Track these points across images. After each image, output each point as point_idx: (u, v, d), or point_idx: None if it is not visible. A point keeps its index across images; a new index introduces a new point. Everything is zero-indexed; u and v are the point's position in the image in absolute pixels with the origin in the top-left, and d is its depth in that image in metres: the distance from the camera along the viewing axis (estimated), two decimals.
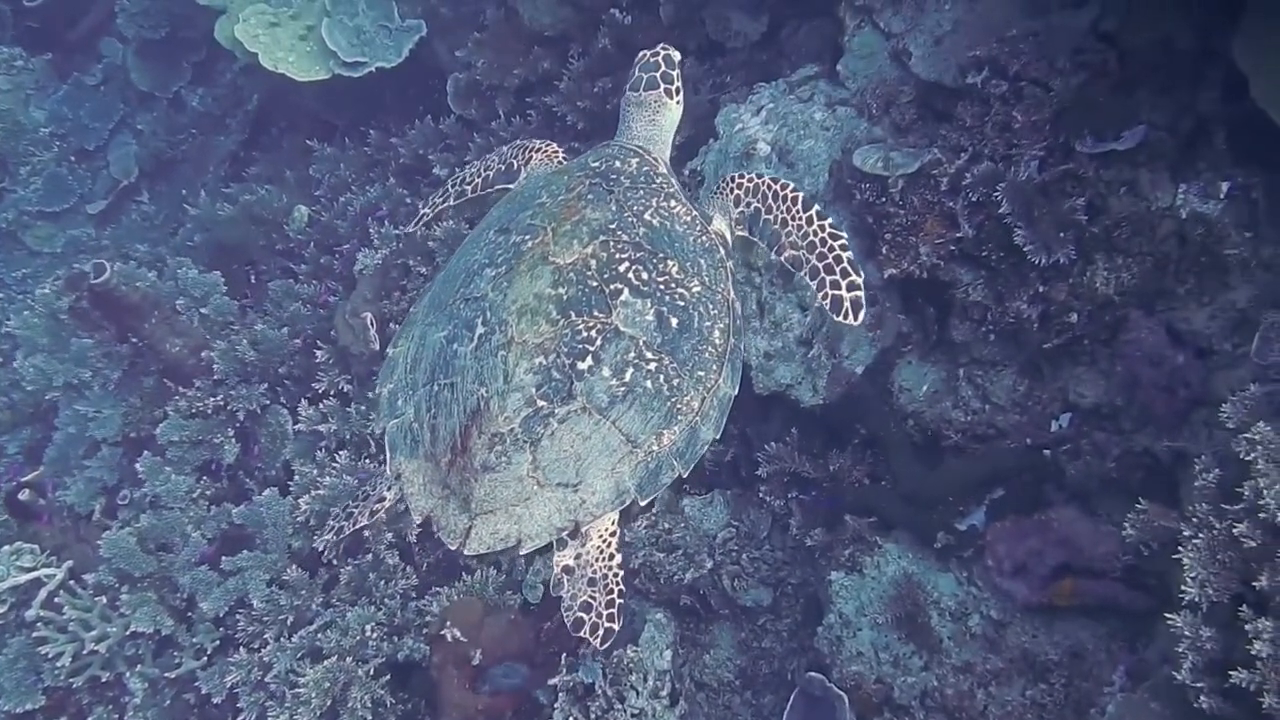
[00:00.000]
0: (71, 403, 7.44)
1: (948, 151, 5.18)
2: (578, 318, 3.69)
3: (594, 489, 3.67)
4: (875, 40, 5.73)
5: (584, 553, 3.79)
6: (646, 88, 4.50)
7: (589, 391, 3.63)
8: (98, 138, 10.52)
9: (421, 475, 3.83)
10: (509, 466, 3.61)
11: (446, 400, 3.76)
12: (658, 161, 4.38)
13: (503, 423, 3.60)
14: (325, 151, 8.33)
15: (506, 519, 3.65)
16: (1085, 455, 5.03)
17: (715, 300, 3.94)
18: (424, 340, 4.02)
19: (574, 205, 3.96)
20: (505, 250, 3.93)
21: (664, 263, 3.87)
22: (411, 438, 3.89)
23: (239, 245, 7.98)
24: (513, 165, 4.79)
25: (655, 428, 3.72)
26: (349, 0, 7.94)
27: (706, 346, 3.86)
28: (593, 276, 3.76)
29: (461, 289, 3.96)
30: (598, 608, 3.75)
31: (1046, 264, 4.82)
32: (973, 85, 5.17)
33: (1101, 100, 4.90)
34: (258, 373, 6.89)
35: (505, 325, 3.70)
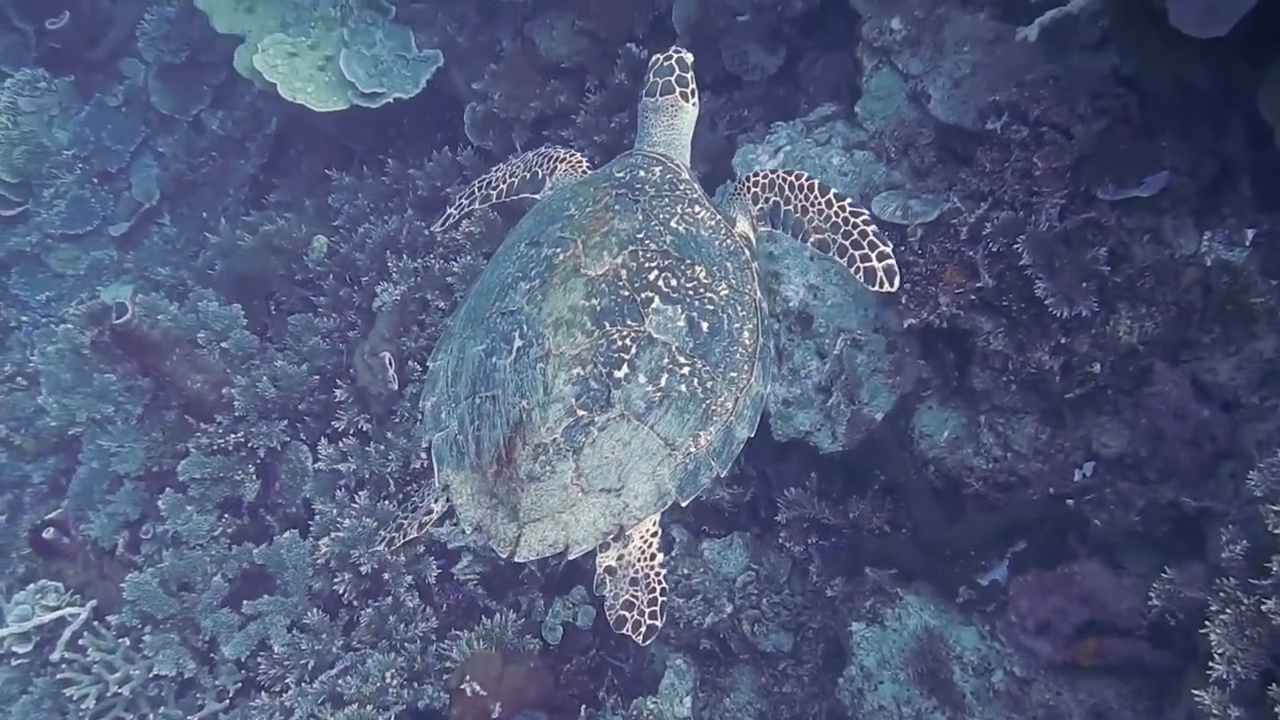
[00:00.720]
0: (94, 438, 7.47)
1: (967, 199, 5.13)
2: (612, 327, 3.74)
3: (636, 493, 3.74)
4: (893, 81, 5.67)
5: (626, 553, 3.87)
6: (663, 92, 4.52)
7: (626, 398, 3.69)
8: (119, 160, 10.55)
9: (469, 486, 3.88)
10: (553, 475, 3.68)
11: (489, 412, 3.82)
12: (680, 168, 4.41)
13: (545, 433, 3.66)
14: (344, 181, 8.32)
15: (554, 526, 3.72)
16: (1109, 505, 4.96)
17: (743, 301, 4.00)
18: (463, 353, 4.06)
19: (602, 216, 4.01)
20: (537, 263, 3.98)
21: (692, 268, 3.92)
22: (457, 449, 3.94)
23: (259, 276, 7.98)
24: (538, 174, 4.83)
25: (692, 430, 3.78)
26: (366, 30, 7.92)
27: (737, 347, 3.92)
28: (624, 286, 3.81)
29: (497, 302, 4.02)
30: (640, 606, 3.82)
31: (1068, 316, 4.76)
32: (992, 130, 5.11)
33: (1123, 146, 4.83)
34: (278, 409, 6.90)
35: (542, 338, 3.76)
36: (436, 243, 7.35)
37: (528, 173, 4.86)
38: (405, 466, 6.43)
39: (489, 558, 6.19)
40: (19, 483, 8.32)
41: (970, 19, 5.43)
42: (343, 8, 8.10)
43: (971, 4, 5.46)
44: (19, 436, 8.41)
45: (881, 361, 5.40)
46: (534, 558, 3.75)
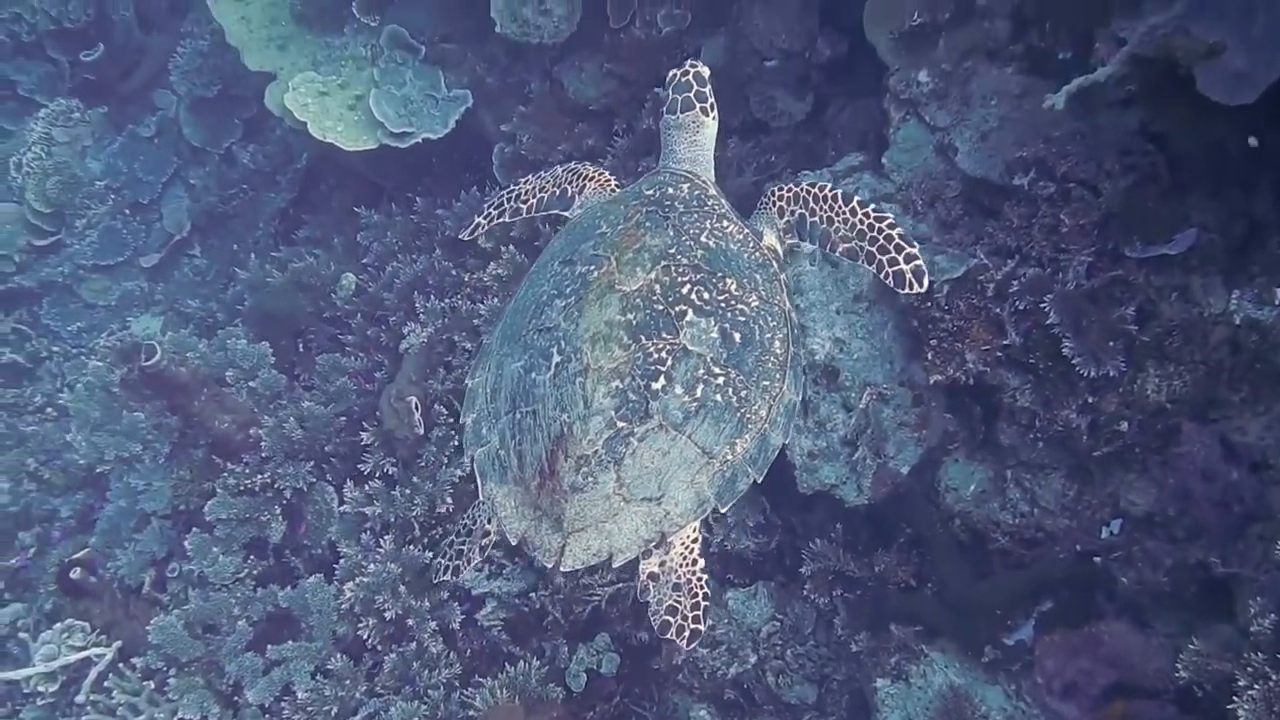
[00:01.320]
0: (122, 475, 7.51)
1: (994, 254, 5.13)
2: (648, 340, 3.86)
3: (676, 500, 3.86)
4: (920, 133, 5.66)
5: (668, 559, 4.01)
6: (683, 109, 4.64)
7: (664, 409, 3.81)
8: (151, 191, 10.64)
9: (513, 499, 4.02)
10: (596, 486, 3.80)
11: (530, 427, 3.94)
12: (707, 184, 4.55)
13: (586, 445, 3.79)
14: (372, 219, 8.35)
15: (597, 535, 3.85)
16: (1137, 564, 4.93)
17: (773, 312, 4.11)
18: (501, 370, 4.18)
19: (634, 233, 4.13)
20: (572, 281, 4.10)
21: (723, 281, 4.03)
22: (499, 464, 4.07)
23: (287, 314, 8.02)
24: (567, 191, 4.97)
25: (728, 438, 3.91)
26: (396, 70, 7.96)
27: (769, 357, 4.03)
28: (658, 300, 3.93)
29: (534, 320, 4.13)
30: (683, 610, 3.97)
31: (1096, 375, 4.73)
32: (1020, 186, 5.09)
33: (1151, 204, 4.81)
34: (304, 450, 6.92)
35: (580, 353, 3.88)
36: (465, 283, 7.37)
37: (557, 189, 5.02)
38: (431, 510, 6.43)
39: (513, 604, 6.20)
40: (48, 516, 8.38)
41: (998, 73, 5.42)
42: (373, 47, 8.14)
43: (999, 58, 5.44)
44: (48, 470, 8.48)
45: (908, 415, 5.39)
46: (579, 566, 3.86)
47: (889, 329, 5.42)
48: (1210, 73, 3.99)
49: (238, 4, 8.85)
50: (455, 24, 8.02)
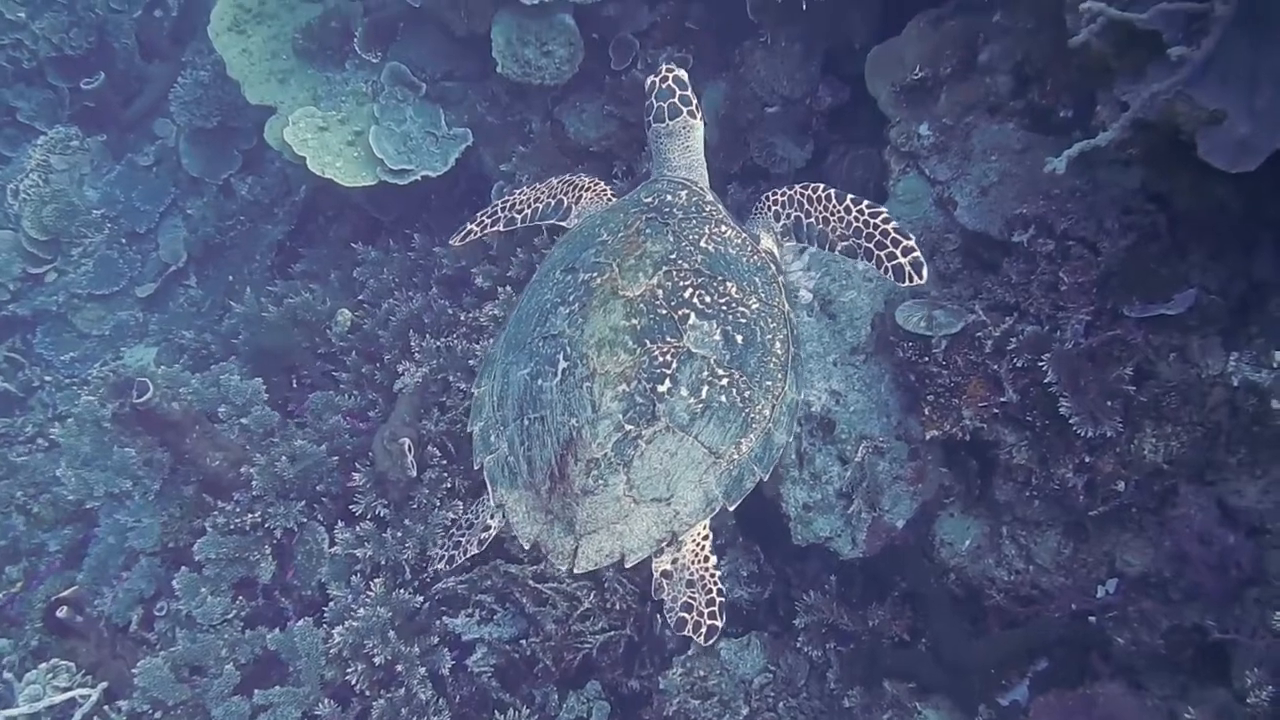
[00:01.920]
0: (111, 512, 7.46)
1: (992, 310, 5.10)
2: (652, 344, 3.92)
3: (685, 500, 3.92)
4: (920, 186, 5.66)
5: (680, 557, 4.04)
6: (671, 116, 4.65)
7: (670, 411, 3.87)
8: (148, 220, 10.64)
9: (524, 504, 4.07)
10: (606, 488, 3.86)
11: (538, 432, 4.00)
12: (704, 190, 4.64)
13: (596, 449, 3.85)
14: (369, 255, 8.33)
15: (609, 536, 3.90)
16: (1132, 624, 4.90)
17: (772, 314, 4.18)
18: (508, 378, 4.23)
19: (634, 240, 4.20)
20: (576, 288, 4.16)
21: (723, 285, 4.10)
22: (509, 470, 4.12)
23: (281, 350, 7.98)
24: (563, 202, 5.00)
25: (734, 438, 3.97)
26: (397, 107, 7.96)
27: (770, 357, 4.10)
28: (661, 305, 4.00)
29: (538, 327, 4.19)
30: (698, 607, 3.96)
31: (1093, 436, 4.71)
32: (1019, 243, 5.08)
33: (1151, 263, 4.79)
34: (295, 489, 6.87)
35: (586, 358, 3.95)
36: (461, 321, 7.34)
37: (552, 199, 5.05)
38: (422, 553, 6.38)
39: (504, 650, 6.14)
40: (35, 550, 8.29)
41: (999, 128, 5.42)
42: (374, 84, 8.14)
43: (1000, 113, 5.44)
44: (37, 504, 8.41)
45: (904, 469, 5.36)
46: (592, 567, 3.91)
47: (886, 382, 5.40)
48: (1212, 139, 3.97)
49: (239, 37, 8.85)
50: (457, 63, 8.02)
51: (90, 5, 11.26)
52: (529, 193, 5.13)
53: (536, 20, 7.27)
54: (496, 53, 7.31)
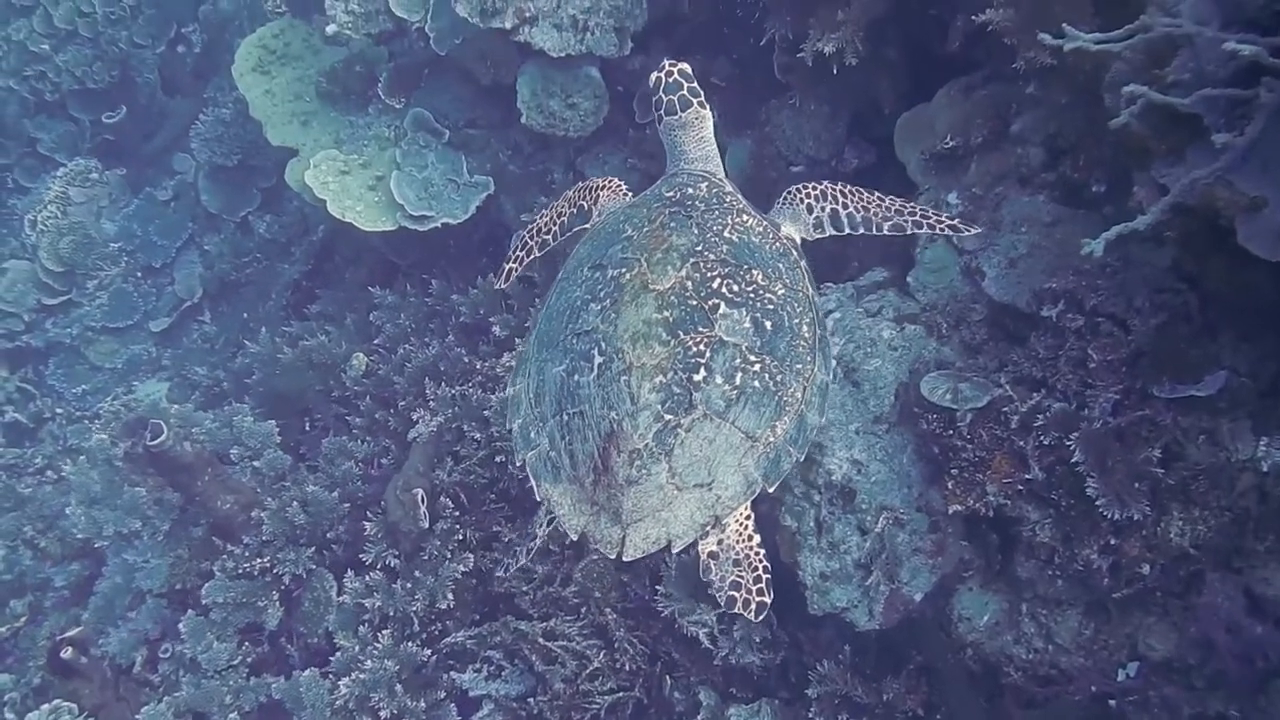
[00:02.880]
0: (120, 551, 7.41)
1: (1019, 384, 5.04)
2: (685, 335, 4.02)
3: (726, 484, 4.01)
4: (947, 255, 5.61)
5: (725, 538, 4.15)
6: (682, 108, 4.79)
7: (707, 399, 3.96)
8: (165, 255, 10.66)
9: (569, 497, 4.12)
10: (649, 478, 3.94)
11: (579, 426, 4.07)
12: (723, 181, 4.73)
13: (637, 440, 3.93)
14: (386, 299, 8.30)
15: (655, 524, 3.98)
16: (1154, 709, 4.81)
17: (798, 298, 4.30)
18: (542, 375, 4.30)
19: (660, 235, 4.29)
20: (605, 284, 4.23)
21: (749, 273, 4.21)
22: (551, 465, 4.18)
23: (295, 392, 7.96)
24: (583, 206, 5.07)
25: (769, 421, 4.06)
26: (419, 153, 7.96)
27: (799, 341, 4.21)
28: (691, 296, 4.10)
29: (570, 324, 4.26)
30: (746, 584, 4.12)
31: (1119, 518, 4.64)
32: (1047, 318, 5.03)
33: (1182, 343, 4.74)
34: (306, 535, 6.82)
35: (621, 353, 4.03)
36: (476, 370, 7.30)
37: (573, 208, 5.12)
38: (431, 605, 6.33)
39: (510, 708, 6.07)
40: (41, 585, 8.26)
41: (1029, 200, 5.38)
42: (397, 129, 8.17)
43: (1031, 185, 5.41)
44: (45, 538, 8.36)
45: (923, 541, 5.29)
46: (640, 555, 3.97)
47: (908, 453, 5.34)
48: (1252, 226, 3.93)
49: (263, 77, 8.91)
50: (480, 110, 8.04)
51: (114, 40, 11.35)
52: (549, 213, 5.21)
53: (562, 72, 7.28)
54: (521, 104, 7.32)
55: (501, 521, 6.68)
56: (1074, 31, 4.03)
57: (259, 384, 8.36)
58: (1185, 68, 4.08)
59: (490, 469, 6.79)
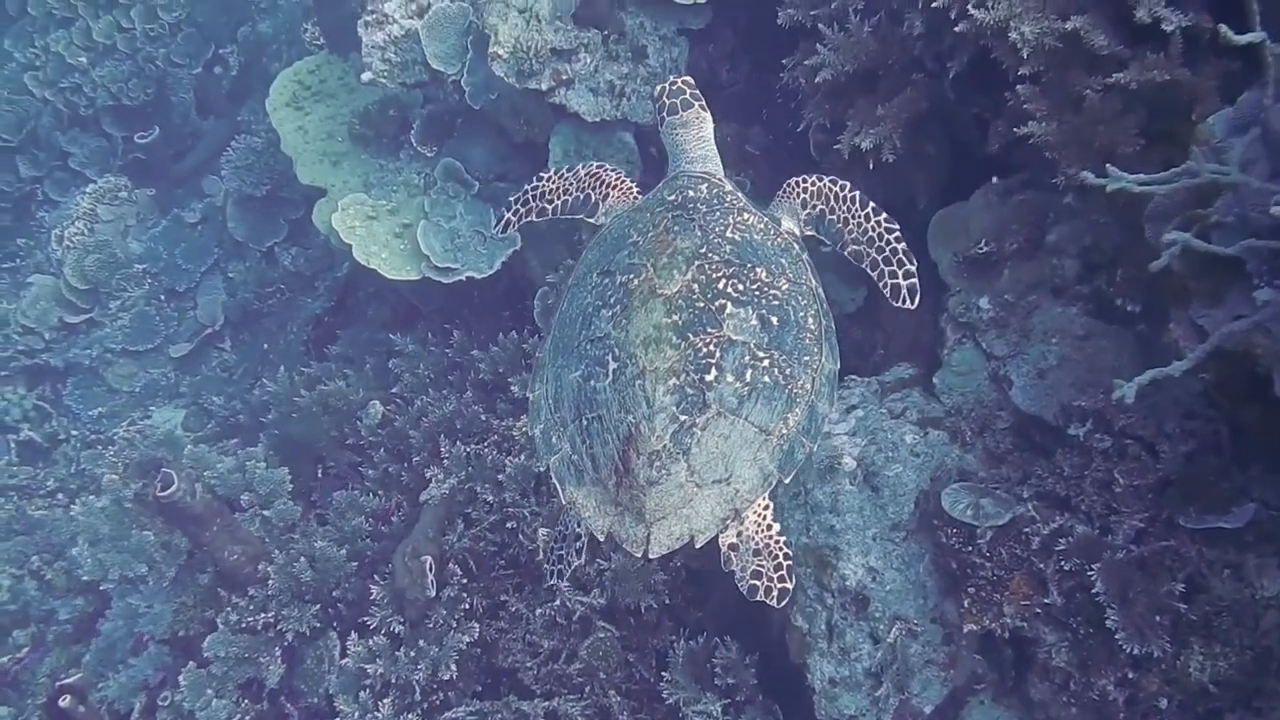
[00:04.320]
0: (124, 595, 7.36)
1: (1041, 499, 4.95)
2: (695, 337, 4.09)
3: (743, 478, 4.09)
4: (975, 359, 5.53)
5: (744, 529, 4.24)
6: (683, 109, 4.92)
7: (720, 398, 4.03)
8: (189, 279, 10.63)
9: (593, 500, 4.21)
10: (669, 477, 4.02)
11: (598, 431, 4.14)
12: (723, 181, 4.81)
13: (655, 441, 4.00)
14: (407, 347, 8.22)
15: (677, 521, 4.08)
16: None
17: (802, 291, 4.39)
18: (560, 381, 4.36)
19: (664, 239, 4.37)
20: (615, 290, 4.30)
21: (753, 271, 4.27)
22: (575, 469, 4.26)
23: (310, 439, 7.89)
24: (591, 197, 5.12)
25: (781, 414, 4.14)
26: (448, 202, 7.90)
27: (805, 333, 4.29)
28: (698, 298, 4.17)
29: (583, 331, 4.32)
30: (768, 573, 4.21)
31: (1139, 653, 4.53)
32: (1075, 436, 4.94)
33: (1210, 473, 4.64)
34: (312, 592, 6.76)
35: (634, 357, 4.10)
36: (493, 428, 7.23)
37: (580, 193, 5.17)
38: (433, 675, 6.25)
39: None
40: (45, 617, 8.22)
41: (1061, 311, 5.29)
42: (426, 177, 8.11)
43: (1064, 296, 5.31)
44: (51, 570, 8.33)
45: (936, 653, 5.19)
46: (665, 551, 4.07)
47: (925, 562, 5.25)
48: None
49: (297, 113, 8.88)
50: (511, 164, 7.97)
51: (152, 57, 11.36)
52: (558, 181, 5.23)
53: (596, 135, 7.22)
54: (553, 164, 7.25)
55: (510, 590, 6.60)
56: (1117, 172, 3.95)
57: (274, 425, 8.31)
58: (1229, 210, 4.01)
59: (501, 534, 6.71)
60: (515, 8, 7.01)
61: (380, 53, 7.78)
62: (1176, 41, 4.59)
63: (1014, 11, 4.87)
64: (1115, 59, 4.82)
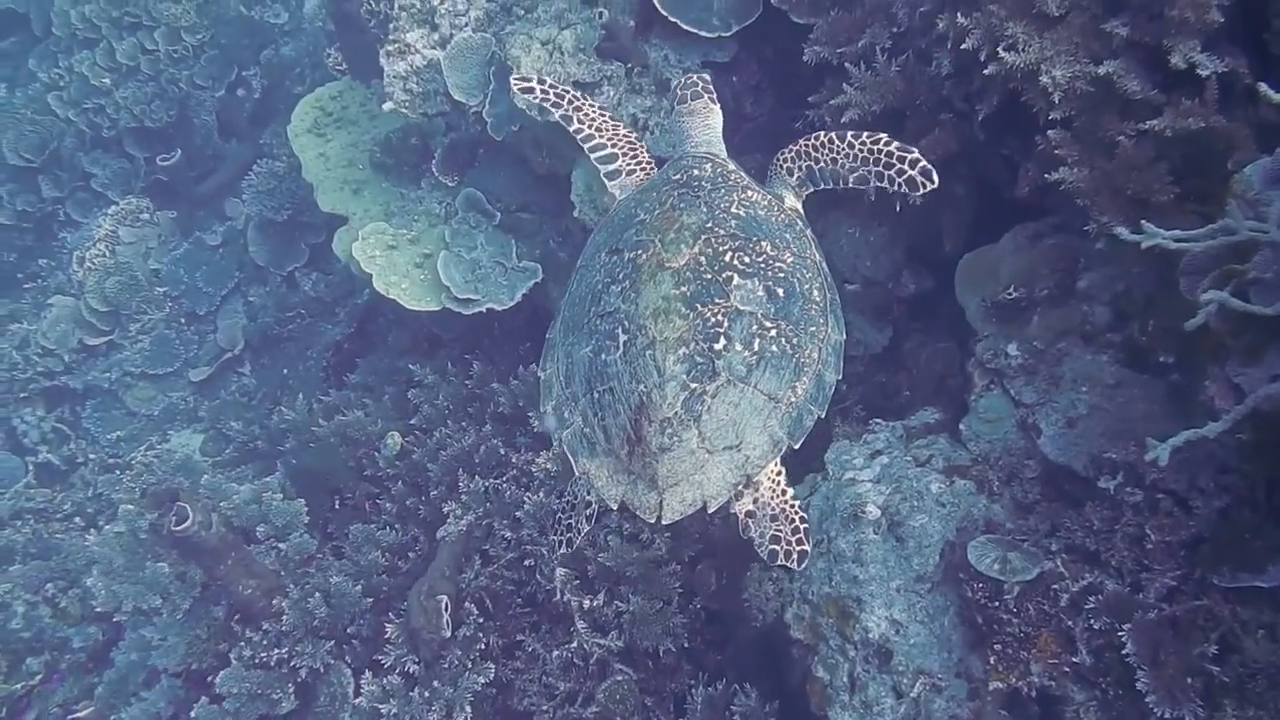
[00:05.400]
0: (138, 626, 7.29)
1: (1070, 552, 4.84)
2: (704, 308, 4.27)
3: (754, 445, 4.28)
4: (1003, 406, 5.41)
5: (759, 496, 4.42)
6: (693, 99, 5.26)
7: (729, 366, 4.22)
8: (209, 303, 10.59)
9: (605, 470, 4.39)
10: (681, 444, 4.19)
11: (609, 402, 4.33)
12: (726, 161, 5.07)
13: (667, 409, 4.18)
14: (427, 378, 8.14)
15: (690, 487, 4.24)
16: None
17: (806, 264, 4.60)
18: (571, 358, 4.57)
19: (671, 215, 4.58)
20: (623, 266, 4.50)
21: (758, 244, 4.49)
22: (587, 441, 4.45)
23: (327, 470, 7.82)
24: (616, 157, 5.49)
25: (789, 382, 4.33)
26: (469, 233, 7.83)
27: (810, 305, 4.48)
28: (705, 271, 4.36)
29: (593, 308, 4.53)
30: (785, 537, 4.41)
31: (1170, 717, 4.41)
32: (1105, 489, 4.82)
33: (1246, 531, 4.51)
34: (326, 628, 6.68)
35: (644, 329, 4.28)
36: (512, 463, 7.15)
37: (613, 147, 5.52)
38: (447, 716, 6.16)
39: None
40: (59, 645, 8.17)
41: (1092, 359, 5.17)
42: (448, 206, 8.05)
43: (1095, 344, 5.19)
44: (65, 598, 8.28)
45: (961, 709, 5.06)
46: (678, 517, 4.24)
47: (950, 615, 5.12)
48: None
49: (318, 140, 8.86)
50: (533, 195, 7.89)
51: (175, 79, 11.35)
52: (599, 117, 5.63)
53: None
54: (575, 196, 7.16)
55: (526, 629, 6.52)
56: (1152, 228, 3.86)
57: (291, 454, 8.24)
58: (1268, 266, 3.89)
59: (518, 571, 6.63)
60: (538, 39, 6.95)
61: (402, 82, 7.72)
62: (1212, 87, 4.50)
63: (1045, 55, 4.78)
64: (1149, 104, 4.72)
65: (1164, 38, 4.56)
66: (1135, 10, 4.68)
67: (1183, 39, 4.50)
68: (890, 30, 5.76)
